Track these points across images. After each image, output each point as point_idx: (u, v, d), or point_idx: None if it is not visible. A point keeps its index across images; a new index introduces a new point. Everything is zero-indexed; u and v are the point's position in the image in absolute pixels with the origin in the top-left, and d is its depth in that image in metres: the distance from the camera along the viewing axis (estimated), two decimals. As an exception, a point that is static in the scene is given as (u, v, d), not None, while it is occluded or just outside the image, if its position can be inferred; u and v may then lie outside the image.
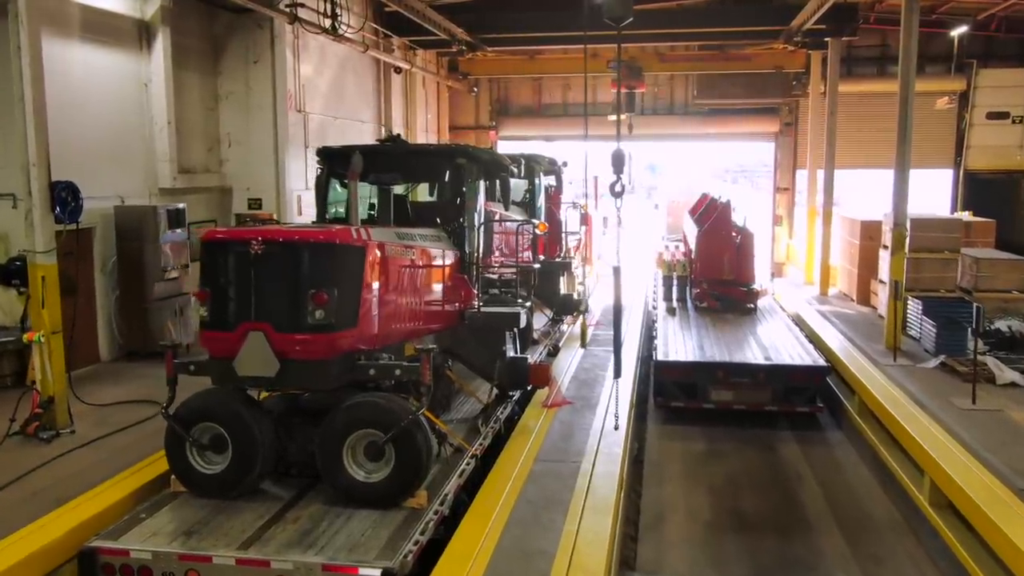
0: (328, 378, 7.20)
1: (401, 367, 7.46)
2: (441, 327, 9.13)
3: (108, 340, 13.14)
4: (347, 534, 6.75)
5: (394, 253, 7.91)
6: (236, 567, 6.35)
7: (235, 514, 7.11)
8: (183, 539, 6.71)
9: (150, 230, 12.86)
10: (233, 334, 7.06)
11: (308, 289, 6.93)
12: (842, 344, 14.49)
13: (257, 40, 15.72)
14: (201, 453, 7.45)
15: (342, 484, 7.21)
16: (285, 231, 7.52)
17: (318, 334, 6.98)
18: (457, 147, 10.25)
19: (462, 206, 9.60)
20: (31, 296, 9.61)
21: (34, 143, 9.26)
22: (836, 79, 19.59)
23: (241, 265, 7.02)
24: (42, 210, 9.41)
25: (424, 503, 7.16)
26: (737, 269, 17.37)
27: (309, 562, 6.27)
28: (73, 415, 9.97)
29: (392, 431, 7.01)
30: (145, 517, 7.11)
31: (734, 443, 12.53)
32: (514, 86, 27.25)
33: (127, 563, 6.46)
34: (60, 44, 11.93)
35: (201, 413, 7.47)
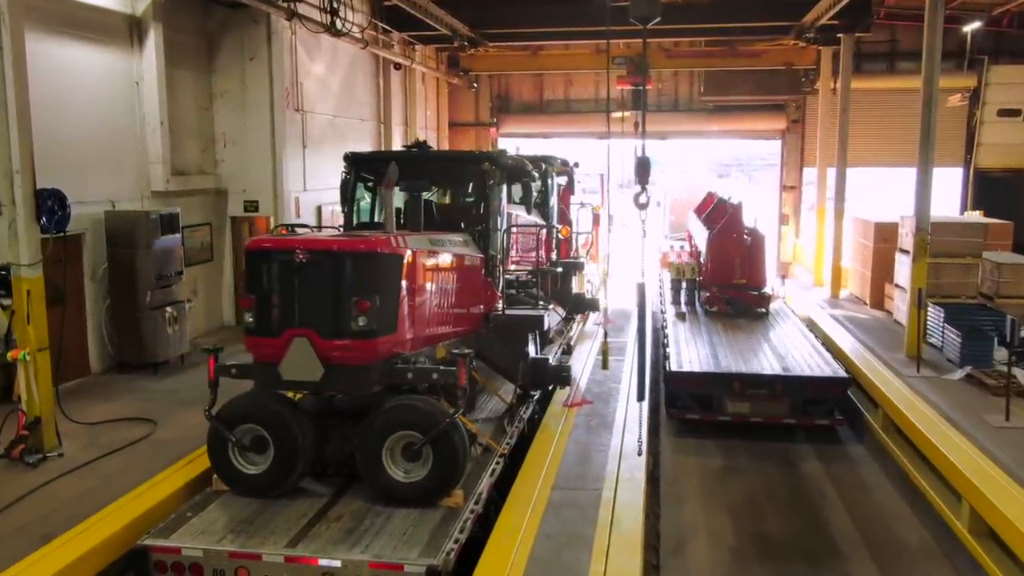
0: (369, 382, 7.42)
1: (438, 370, 7.70)
2: (468, 330, 9.30)
3: (99, 351, 12.59)
4: (389, 532, 6.95)
5: (428, 259, 8.16)
6: (285, 564, 6.54)
7: (279, 513, 7.31)
8: (231, 537, 6.88)
9: (142, 236, 12.30)
10: (278, 340, 7.29)
11: (351, 296, 7.15)
12: (860, 352, 14.02)
13: (253, 36, 15.15)
14: (243, 453, 7.63)
15: (381, 484, 7.43)
16: (328, 240, 7.67)
17: (360, 340, 7.20)
18: (482, 153, 10.72)
19: (487, 210, 9.79)
20: (16, 311, 9.05)
21: (18, 148, 8.72)
22: (849, 76, 19.10)
23: (285, 273, 7.24)
24: (27, 220, 8.87)
25: (460, 502, 7.38)
26: (748, 272, 16.87)
27: (356, 559, 6.48)
28: (61, 435, 9.45)
29: (430, 433, 7.23)
30: (191, 516, 7.28)
31: (752, 458, 12.03)
32: (515, 82, 26.68)
33: (179, 560, 6.64)
34: (46, 41, 11.35)
35: (243, 415, 7.68)
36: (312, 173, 16.72)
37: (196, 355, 13.55)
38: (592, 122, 26.25)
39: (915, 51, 24.02)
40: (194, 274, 14.48)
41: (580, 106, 26.44)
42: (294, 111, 15.94)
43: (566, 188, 16.50)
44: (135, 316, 12.40)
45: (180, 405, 11.04)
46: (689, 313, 17.13)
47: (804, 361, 13.34)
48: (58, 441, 9.32)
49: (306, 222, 16.42)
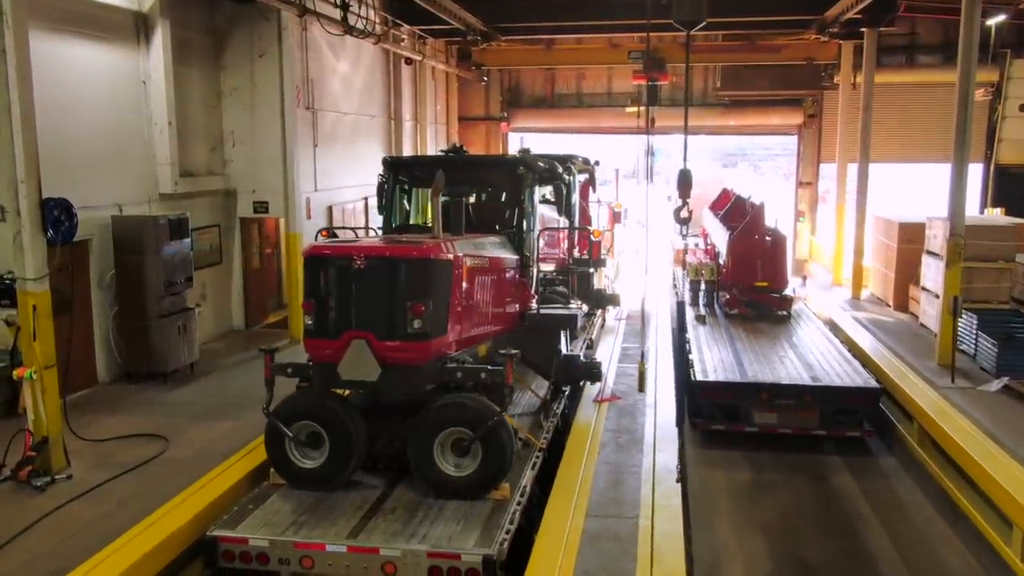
0: (422, 381, 7.73)
1: (486, 370, 7.97)
2: (505, 328, 9.57)
3: (106, 360, 12.20)
4: (443, 524, 7.26)
5: (473, 263, 8.46)
6: (347, 554, 6.86)
7: (335, 505, 7.63)
8: (294, 528, 7.19)
9: (151, 241, 11.88)
10: (337, 342, 7.57)
11: (407, 300, 7.46)
12: (889, 360, 13.60)
13: (263, 33, 14.67)
14: (299, 449, 7.94)
15: (433, 477, 7.75)
16: (384, 247, 7.88)
17: (415, 341, 7.51)
18: (517, 157, 10.75)
19: (521, 212, 10.08)
20: (21, 327, 8.64)
21: (22, 156, 8.29)
22: (872, 70, 18.58)
23: (343, 278, 7.55)
24: (32, 231, 8.45)
25: (507, 495, 7.72)
26: (770, 274, 16.44)
27: (415, 549, 6.78)
28: (69, 453, 9.07)
29: (480, 430, 7.56)
30: (253, 508, 7.61)
31: (781, 472, 11.65)
32: (526, 76, 26.20)
33: (246, 550, 6.97)
34: (49, 40, 10.90)
35: (300, 412, 7.96)
36: (323, 173, 16.30)
37: (206, 363, 13.19)
38: (604, 117, 25.82)
39: (935, 44, 23.65)
40: (202, 277, 14.06)
41: (592, 100, 25.97)
42: (304, 109, 15.50)
43: (585, 185, 16.18)
44: (143, 324, 11.99)
45: (191, 419, 10.66)
46: (708, 315, 16.72)
47: (833, 369, 12.93)
48: (66, 461, 8.94)
49: (316, 223, 16.06)
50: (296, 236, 14.83)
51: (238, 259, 15.65)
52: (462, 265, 8.13)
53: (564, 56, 24.43)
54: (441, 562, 6.70)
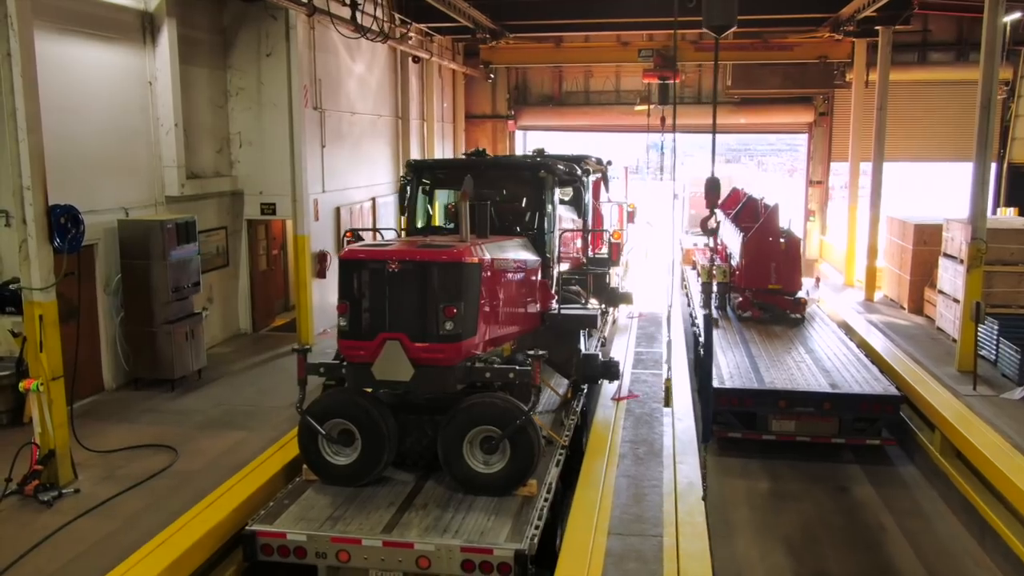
0: (453, 381, 7.86)
1: (514, 370, 8.09)
2: (528, 328, 9.66)
3: (112, 366, 12.00)
4: (474, 519, 7.40)
5: (500, 265, 8.59)
6: (383, 548, 7.01)
7: (368, 501, 7.78)
8: (330, 523, 7.33)
9: (158, 246, 11.66)
10: (372, 343, 7.71)
11: (439, 303, 7.63)
12: (907, 365, 13.36)
13: (270, 32, 14.45)
14: (331, 446, 8.08)
15: (462, 474, 7.89)
16: (417, 251, 7.93)
17: (447, 343, 7.68)
18: (539, 162, 10.72)
19: (542, 214, 10.24)
20: (27, 338, 8.43)
21: (28, 163, 8.09)
22: (887, 69, 18.30)
23: (378, 281, 7.72)
24: (38, 240, 8.24)
25: (535, 491, 7.85)
26: (784, 277, 16.20)
27: (449, 544, 6.93)
28: (77, 465, 8.89)
29: (509, 428, 7.70)
30: (288, 503, 7.75)
31: (800, 481, 11.43)
32: (533, 73, 25.92)
33: (284, 544, 7.11)
34: (54, 40, 10.69)
35: (332, 410, 8.09)
36: (330, 173, 16.06)
37: (213, 369, 12.98)
38: (612, 115, 25.55)
39: (948, 41, 23.37)
40: (209, 280, 13.85)
41: (600, 98, 25.69)
42: (312, 109, 15.24)
43: (596, 184, 15.99)
44: (150, 330, 11.79)
45: (200, 428, 10.46)
46: (721, 318, 16.48)
47: (851, 376, 12.69)
48: (74, 474, 8.74)
49: (323, 224, 15.84)
50: (304, 238, 14.61)
51: (245, 262, 15.43)
52: (490, 268, 8.29)
53: (573, 54, 24.15)
54: (474, 556, 6.85)
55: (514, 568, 6.76)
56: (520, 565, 6.75)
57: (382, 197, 19.12)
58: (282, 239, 17.30)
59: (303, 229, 14.53)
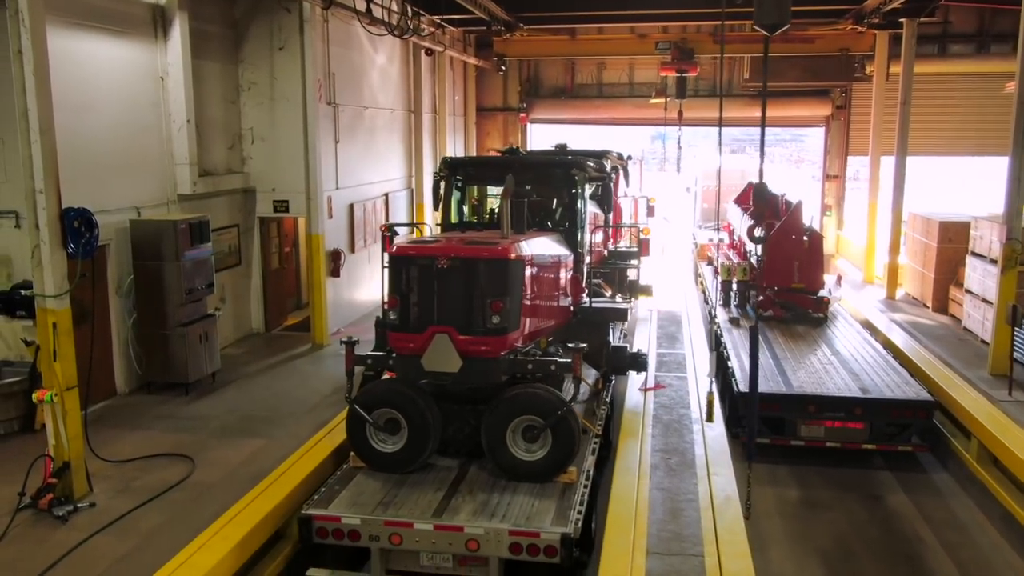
0: (498, 372, 8.09)
1: (556, 362, 8.39)
2: (563, 321, 9.91)
3: (125, 370, 11.72)
4: (519, 504, 7.61)
5: (539, 260, 8.81)
6: (434, 532, 7.23)
7: (416, 486, 7.98)
8: (382, 508, 7.55)
9: (170, 247, 11.37)
10: (420, 336, 7.91)
11: (486, 298, 7.83)
12: (938, 369, 13.03)
13: (283, 24, 14.10)
14: (378, 434, 8.27)
15: (505, 462, 8.10)
16: (464, 248, 8.09)
17: (493, 336, 7.88)
18: (570, 159, 10.86)
19: (574, 211, 10.42)
20: (40, 346, 8.13)
21: (41, 166, 7.76)
22: (912, 62, 17.90)
23: (427, 277, 7.91)
24: (51, 245, 7.92)
25: (574, 478, 8.08)
26: (806, 276, 15.84)
27: (498, 528, 7.14)
28: (91, 476, 8.60)
29: (551, 418, 7.95)
30: (340, 489, 7.94)
31: (831, 489, 11.12)
32: (545, 66, 25.52)
33: (339, 528, 7.33)
34: (63, 36, 10.35)
35: (380, 400, 8.29)
36: (344, 169, 15.73)
37: (227, 371, 12.69)
38: (626, 108, 25.17)
39: (969, 33, 22.96)
40: (221, 280, 13.53)
41: (613, 91, 25.30)
42: (325, 104, 14.90)
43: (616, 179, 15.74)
44: (163, 333, 11.51)
45: (216, 436, 10.18)
46: (741, 317, 16.16)
47: (881, 380, 12.36)
48: (89, 486, 8.46)
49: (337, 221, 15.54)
50: (319, 237, 14.29)
51: (257, 260, 15.13)
52: (531, 263, 8.52)
53: (589, 46, 23.71)
54: (521, 539, 7.08)
55: (560, 551, 7.01)
56: (566, 548, 7.01)
57: (395, 193, 18.79)
58: (294, 236, 16.98)
59: (317, 228, 14.21)
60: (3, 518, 7.89)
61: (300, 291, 17.58)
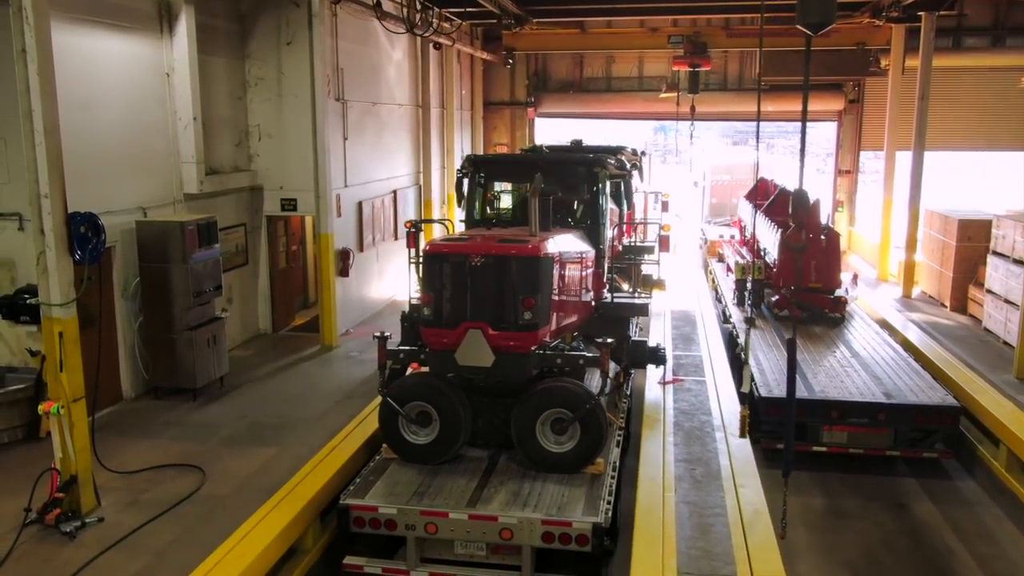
0: (529, 367, 8.22)
1: (584, 357, 8.55)
2: (586, 316, 10.03)
3: (131, 374, 11.44)
4: (550, 495, 7.81)
5: (566, 257, 8.95)
6: (468, 521, 7.39)
7: (448, 477, 8.16)
8: (417, 498, 7.69)
9: (177, 249, 11.08)
10: (454, 331, 8.04)
11: (519, 294, 7.96)
12: (962, 372, 12.73)
13: (291, 19, 13.77)
14: (410, 426, 8.42)
15: (535, 453, 8.29)
16: (497, 246, 8.20)
17: (525, 332, 8.03)
18: (592, 157, 10.94)
19: (596, 208, 10.56)
20: (46, 356, 7.85)
21: (45, 169, 7.48)
22: (930, 56, 17.56)
23: (460, 273, 8.03)
24: (57, 252, 7.64)
25: (602, 469, 8.29)
26: (824, 275, 15.53)
27: (531, 518, 7.32)
28: (99, 488, 8.32)
29: (579, 411, 8.15)
30: (374, 479, 8.10)
31: (856, 497, 10.84)
32: (553, 60, 25.17)
33: (376, 517, 7.50)
34: (67, 32, 10.03)
35: (412, 393, 8.43)
36: (352, 167, 15.42)
37: (235, 375, 12.42)
38: (635, 102, 24.83)
39: (984, 26, 22.59)
40: (228, 280, 13.25)
41: (622, 85, 24.95)
42: (334, 100, 14.58)
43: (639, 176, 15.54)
44: (170, 337, 11.23)
45: (226, 445, 9.91)
46: (756, 316, 15.85)
47: (904, 384, 12.07)
48: (97, 500, 8.19)
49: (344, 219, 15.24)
50: (328, 237, 13.99)
51: (264, 259, 14.83)
52: (559, 260, 8.65)
53: (600, 40, 23.33)
54: (554, 528, 7.25)
55: (592, 539, 7.21)
56: (597, 537, 7.21)
57: (403, 189, 18.48)
58: (301, 234, 16.69)
59: (327, 227, 13.91)
60: (9, 535, 7.63)
61: (307, 290, 17.29)
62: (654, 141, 67.66)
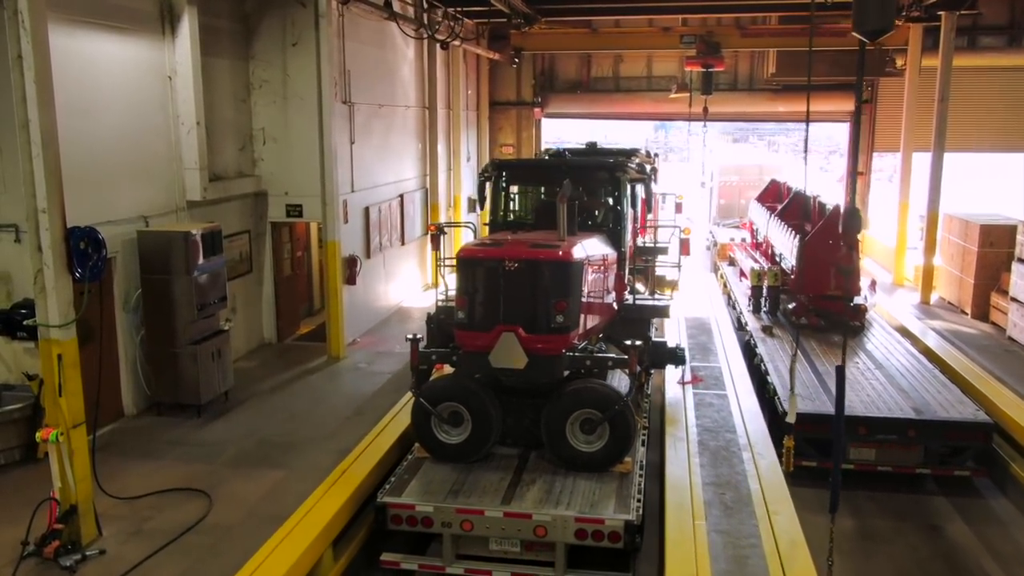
0: (560, 368, 8.42)
1: (613, 358, 8.88)
2: (611, 318, 10.24)
3: (133, 390, 11.02)
4: (581, 493, 8.02)
5: (593, 261, 9.12)
6: (503, 519, 7.59)
7: (481, 476, 8.37)
8: (452, 496, 7.90)
9: (180, 260, 10.65)
10: (488, 334, 8.20)
11: (551, 298, 8.17)
12: (991, 384, 12.33)
13: (296, 19, 13.33)
14: (442, 426, 8.63)
15: (565, 453, 8.52)
16: (529, 251, 8.35)
17: (557, 334, 8.23)
18: (615, 162, 11.02)
19: (620, 211, 10.68)
20: (44, 380, 7.42)
21: (43, 183, 7.04)
22: (951, 56, 17.13)
23: (493, 278, 8.21)
24: (56, 270, 7.21)
25: (630, 468, 8.53)
26: (843, 282, 15.11)
27: (564, 515, 7.54)
28: (100, 516, 7.91)
29: (608, 412, 8.37)
30: (409, 478, 8.29)
31: (886, 518, 10.45)
32: (560, 59, 24.73)
33: (413, 515, 7.68)
34: (65, 34, 9.59)
35: (445, 394, 8.66)
36: (359, 171, 14.98)
37: (240, 389, 11.99)
38: (643, 102, 24.41)
39: (1000, 25, 22.18)
40: (232, 289, 12.78)
41: (630, 84, 24.51)
42: (341, 103, 14.13)
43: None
44: (173, 351, 10.80)
45: (232, 466, 9.49)
46: (774, 325, 15.44)
47: (933, 398, 11.66)
48: (98, 530, 7.77)
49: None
50: (335, 244, 13.56)
51: (269, 267, 14.40)
52: (588, 264, 8.79)
53: (610, 40, 22.87)
54: (587, 526, 7.45)
55: (624, 536, 7.39)
56: (629, 534, 7.41)
57: (409, 193, 18.04)
58: (305, 239, 16.25)
59: (334, 234, 13.48)
60: (5, 568, 7.23)
61: (312, 297, 16.87)
62: (655, 139, 67.25)
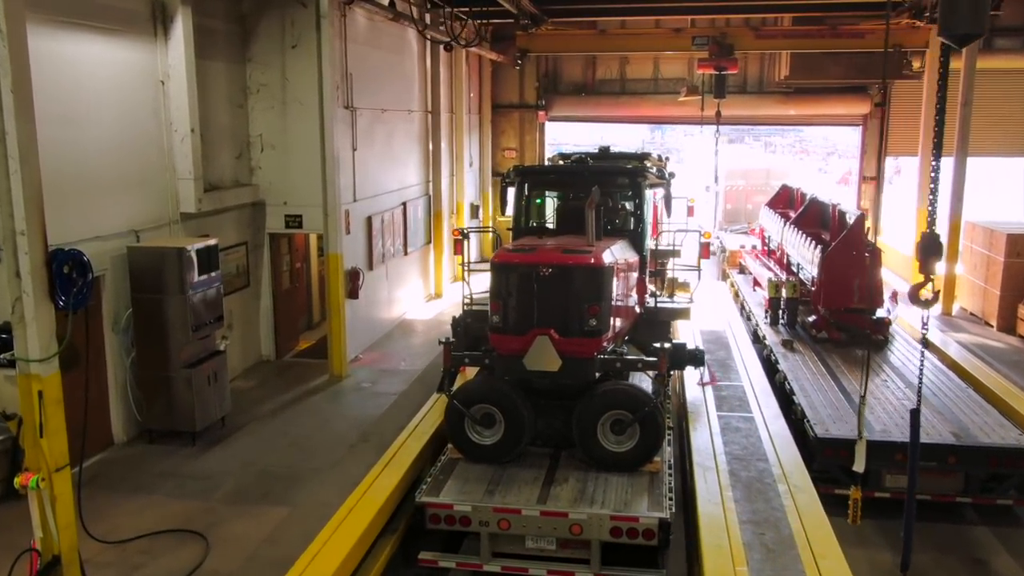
0: (592, 371, 8.57)
1: (642, 361, 9.09)
2: (635, 320, 10.47)
3: (123, 416, 10.34)
4: (614, 491, 8.13)
5: (621, 266, 9.33)
6: (540, 518, 7.71)
7: (515, 476, 8.46)
8: (488, 495, 7.99)
9: (174, 278, 9.97)
10: (522, 337, 8.38)
11: (583, 302, 8.34)
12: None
13: (296, 20, 12.66)
14: (475, 427, 8.72)
15: (596, 453, 8.64)
16: (562, 256, 8.52)
17: (590, 338, 8.40)
18: (636, 168, 11.23)
19: (641, 215, 10.88)
20: (23, 419, 6.72)
21: (22, 202, 6.33)
22: (975, 59, 16.58)
23: (527, 283, 8.39)
24: (36, 298, 6.51)
25: (659, 468, 8.66)
26: (866, 295, 14.48)
27: (600, 514, 7.66)
28: (85, 565, 7.18)
29: (639, 413, 8.53)
30: (444, 479, 8.36)
31: (927, 551, 9.79)
32: (565, 61, 24.08)
33: (451, 514, 7.78)
34: (50, 36, 8.89)
35: (478, 396, 8.76)
36: (362, 179, 14.29)
37: (238, 412, 11.30)
38: (650, 105, 23.77)
39: (1015, 27, 21.60)
40: (228, 305, 12.08)
41: (636, 87, 23.86)
42: (342, 108, 13.44)
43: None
44: (166, 375, 10.12)
45: (230, 502, 8.82)
46: (793, 339, 14.80)
47: (971, 421, 11.02)
48: (84, 582, 7.07)
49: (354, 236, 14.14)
50: (337, 257, 12.87)
51: (267, 281, 13.71)
52: (616, 268, 8.97)
53: (618, 42, 22.17)
54: (622, 524, 7.58)
55: (658, 534, 7.53)
56: (664, 531, 7.53)
57: (412, 200, 17.36)
58: (304, 250, 15.56)
59: (336, 247, 12.79)
60: (-20, 629, 6.53)
61: (311, 309, 16.18)
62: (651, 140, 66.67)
